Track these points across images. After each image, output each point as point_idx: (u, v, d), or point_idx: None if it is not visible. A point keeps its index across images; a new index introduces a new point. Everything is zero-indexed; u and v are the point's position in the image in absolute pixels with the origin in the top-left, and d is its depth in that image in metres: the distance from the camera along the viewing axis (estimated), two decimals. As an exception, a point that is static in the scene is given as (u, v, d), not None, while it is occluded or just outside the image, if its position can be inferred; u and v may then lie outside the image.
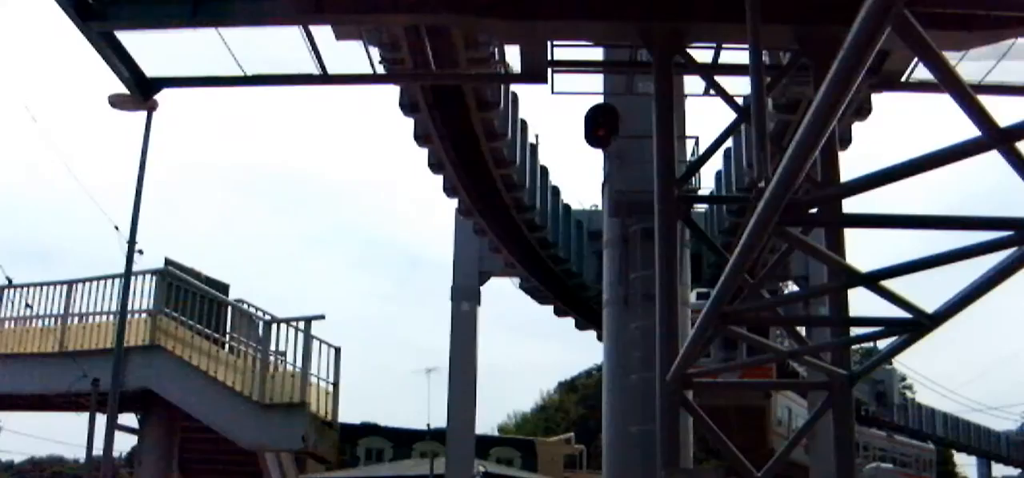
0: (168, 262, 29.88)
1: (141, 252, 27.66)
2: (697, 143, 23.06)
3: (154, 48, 15.89)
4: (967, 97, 7.10)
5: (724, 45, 15.35)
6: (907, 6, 6.14)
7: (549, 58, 16.24)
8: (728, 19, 13.33)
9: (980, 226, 9.44)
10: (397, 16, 15.29)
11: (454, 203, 35.93)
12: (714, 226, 34.62)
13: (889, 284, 10.41)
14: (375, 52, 17.12)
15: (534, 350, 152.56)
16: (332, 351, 27.85)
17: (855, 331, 14.16)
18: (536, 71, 16.24)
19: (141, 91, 16.50)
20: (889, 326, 11.99)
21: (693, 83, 19.27)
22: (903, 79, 16.48)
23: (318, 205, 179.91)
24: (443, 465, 41.59)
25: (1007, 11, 12.42)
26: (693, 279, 26.69)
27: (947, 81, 6.92)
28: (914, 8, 6.25)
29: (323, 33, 15.57)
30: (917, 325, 11.31)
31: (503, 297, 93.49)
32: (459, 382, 42.92)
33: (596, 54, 18.36)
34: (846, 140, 22.00)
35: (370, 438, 62.61)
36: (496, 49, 19.52)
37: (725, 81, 14.92)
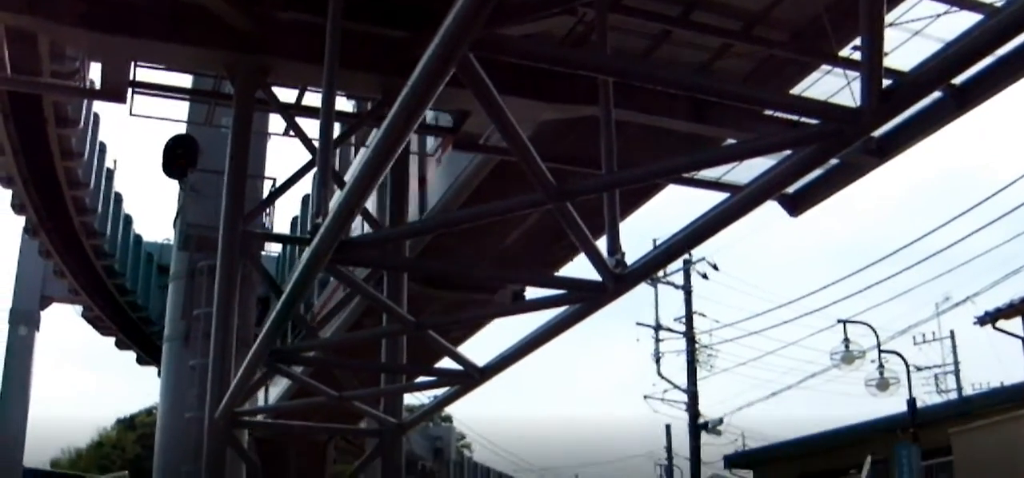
0: None
1: None
2: (274, 184, 22.82)
3: None
4: (526, 153, 7.29)
5: (309, 88, 15.24)
6: (472, 50, 6.18)
7: (131, 78, 15.56)
8: (313, 61, 13.21)
9: (532, 282, 9.77)
10: (-21, 13, 14.15)
11: (21, 220, 33.91)
12: (288, 273, 34.50)
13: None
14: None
15: (93, 383, 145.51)
16: None
17: (415, 380, 14.36)
18: (116, 89, 15.47)
19: None
20: (441, 376, 12.20)
21: (277, 124, 19.05)
22: (481, 142, 16.92)
23: None
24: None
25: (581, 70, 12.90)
26: (260, 323, 26.38)
27: (508, 134, 7.08)
28: (481, 54, 6.29)
29: None
30: (468, 377, 11.56)
31: (64, 324, 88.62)
32: (10, 411, 40.66)
33: (180, 80, 17.79)
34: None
35: (-93, 468, 57.62)
36: (81, 65, 18.56)
37: (307, 125, 14.81)
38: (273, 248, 35.82)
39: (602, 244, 9.14)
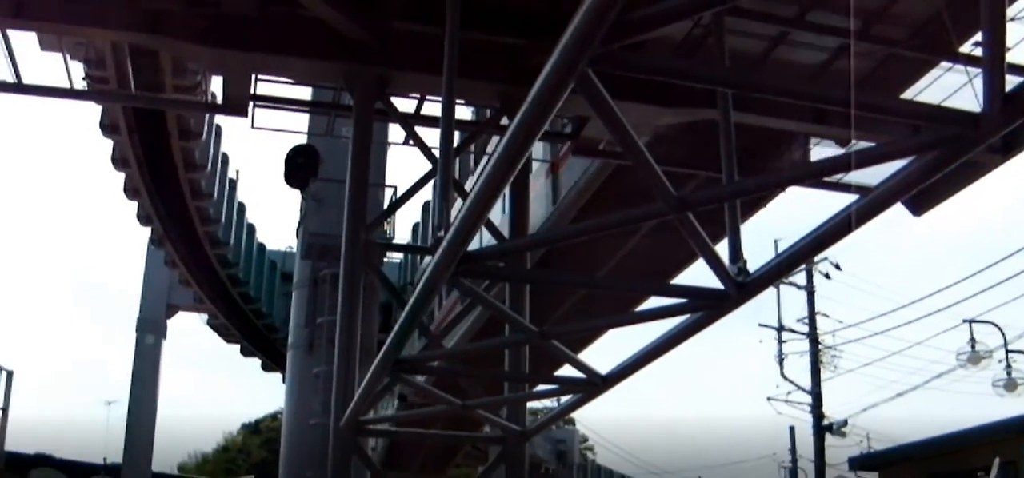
0: None
1: None
2: (395, 192, 23.06)
3: None
4: (645, 164, 7.28)
5: (428, 97, 15.36)
6: (591, 66, 6.19)
7: (252, 91, 15.86)
8: (431, 71, 13.31)
9: (655, 292, 9.72)
10: (104, 31, 14.52)
11: (147, 232, 34.82)
12: (410, 279, 34.83)
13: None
14: (78, 68, 16.33)
15: (219, 389, 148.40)
16: (3, 375, 26.30)
17: (538, 388, 14.42)
18: (237, 103, 15.79)
19: None
20: (563, 384, 12.21)
21: (397, 133, 19.26)
22: (600, 148, 16.91)
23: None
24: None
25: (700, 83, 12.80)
26: (383, 330, 26.64)
27: (626, 145, 7.08)
28: (599, 68, 6.30)
29: (24, 41, 14.73)
30: (590, 385, 11.57)
31: (190, 332, 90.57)
32: (139, 417, 41.57)
33: (300, 92, 18.09)
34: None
35: (42, 470, 59.11)
36: (203, 79, 19.00)
37: (427, 133, 14.97)
38: (395, 254, 36.16)
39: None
